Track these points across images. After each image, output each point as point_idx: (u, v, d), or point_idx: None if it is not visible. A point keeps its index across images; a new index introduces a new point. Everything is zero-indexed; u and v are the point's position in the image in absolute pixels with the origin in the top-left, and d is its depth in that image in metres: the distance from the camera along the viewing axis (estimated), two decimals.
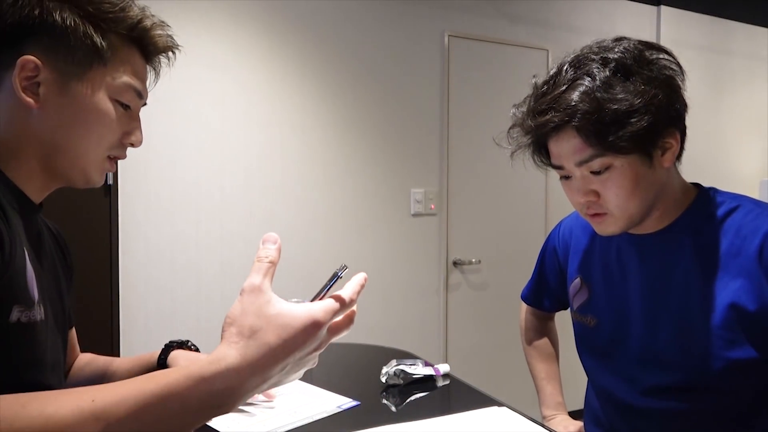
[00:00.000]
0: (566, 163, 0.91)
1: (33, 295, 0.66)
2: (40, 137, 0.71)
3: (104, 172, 0.78)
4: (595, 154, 0.87)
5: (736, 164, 3.78)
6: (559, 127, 0.88)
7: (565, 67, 0.90)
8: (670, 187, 0.95)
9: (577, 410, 1.28)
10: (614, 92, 0.85)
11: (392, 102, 2.75)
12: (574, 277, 1.15)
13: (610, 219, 0.93)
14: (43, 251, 0.79)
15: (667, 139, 0.90)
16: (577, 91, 0.86)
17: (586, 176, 0.91)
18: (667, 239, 0.97)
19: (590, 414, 1.16)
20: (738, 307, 0.88)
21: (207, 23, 2.35)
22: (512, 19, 3.04)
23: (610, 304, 1.06)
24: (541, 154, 0.99)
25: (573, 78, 0.88)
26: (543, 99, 0.90)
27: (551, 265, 1.26)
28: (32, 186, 0.74)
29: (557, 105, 0.87)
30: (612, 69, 0.87)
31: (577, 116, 0.85)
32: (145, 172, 2.26)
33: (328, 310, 0.54)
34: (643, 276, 1.00)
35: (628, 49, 0.89)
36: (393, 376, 1.21)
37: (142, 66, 0.78)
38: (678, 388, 0.95)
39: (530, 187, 3.12)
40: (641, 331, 1.00)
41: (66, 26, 0.68)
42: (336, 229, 2.64)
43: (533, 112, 0.91)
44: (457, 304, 2.94)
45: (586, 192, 0.92)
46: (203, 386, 0.50)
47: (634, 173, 0.88)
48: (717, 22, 3.68)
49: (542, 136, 0.93)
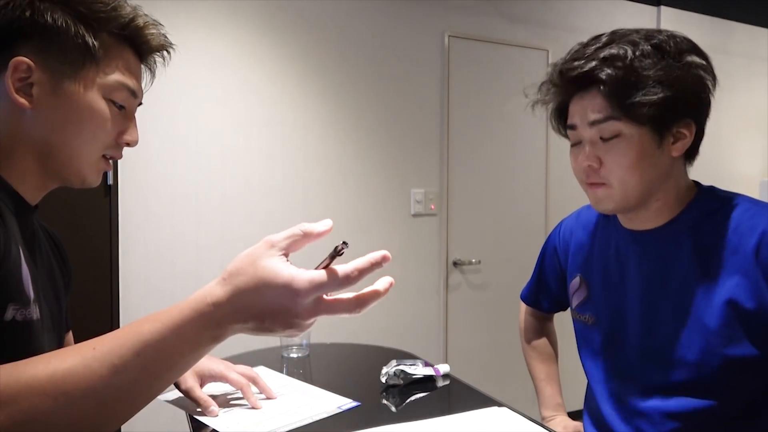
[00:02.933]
0: (580, 121, 0.94)
1: (29, 293, 0.66)
2: (34, 138, 0.71)
3: (100, 172, 0.78)
4: (610, 115, 0.90)
5: (736, 164, 3.78)
6: (585, 77, 0.91)
7: (605, 35, 0.94)
8: (673, 182, 0.96)
9: (577, 410, 1.28)
10: (646, 62, 0.88)
11: (392, 102, 2.75)
12: (574, 275, 1.15)
13: (607, 191, 0.94)
14: (39, 253, 0.79)
15: (682, 129, 0.92)
16: (613, 50, 0.90)
17: (594, 142, 0.93)
18: (666, 236, 0.98)
19: (590, 414, 1.16)
20: (736, 305, 0.89)
21: (207, 23, 2.35)
22: (512, 19, 3.04)
23: (609, 301, 1.06)
24: (560, 120, 1.02)
25: (611, 40, 0.92)
26: (579, 51, 0.94)
27: (551, 265, 1.26)
28: (28, 187, 0.74)
29: (591, 56, 0.91)
30: (653, 44, 0.90)
31: (606, 70, 0.88)
32: (145, 172, 2.25)
33: (313, 280, 0.53)
34: (642, 274, 1.01)
35: (674, 37, 0.92)
36: (393, 377, 1.21)
37: (136, 65, 0.78)
38: (676, 387, 0.95)
39: (530, 188, 3.12)
40: (639, 329, 1.00)
41: (57, 27, 0.68)
42: (336, 229, 2.62)
43: (565, 60, 0.95)
44: (457, 305, 2.94)
45: (590, 157, 0.94)
46: (197, 319, 0.53)
47: (641, 147, 0.90)
48: (717, 22, 3.68)
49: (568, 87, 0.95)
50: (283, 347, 1.44)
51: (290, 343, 1.43)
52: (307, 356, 1.42)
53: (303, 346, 1.43)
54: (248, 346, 1.58)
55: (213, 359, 1.07)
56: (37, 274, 0.73)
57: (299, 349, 1.43)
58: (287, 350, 1.43)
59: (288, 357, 1.41)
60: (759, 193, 3.80)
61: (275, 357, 1.41)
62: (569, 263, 1.18)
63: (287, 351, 1.43)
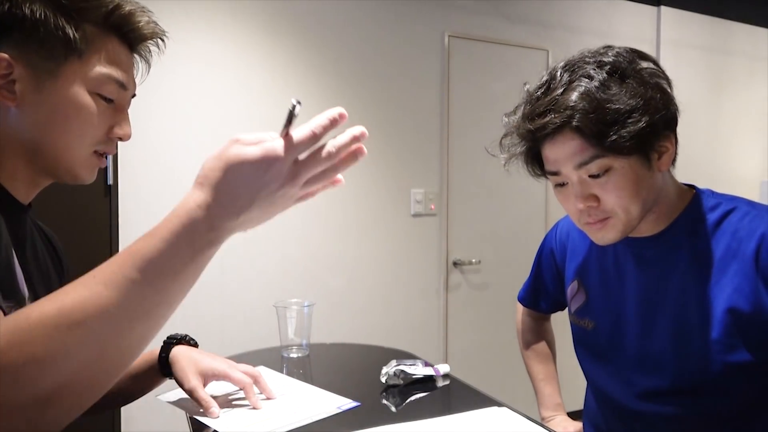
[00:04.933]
0: (563, 167, 0.90)
1: (23, 291, 0.65)
2: (21, 136, 0.69)
3: (93, 168, 0.76)
4: (595, 155, 0.86)
5: (736, 164, 3.78)
6: (559, 129, 0.86)
7: (559, 71, 0.90)
8: (665, 191, 0.95)
9: (577, 410, 1.28)
10: (612, 92, 0.84)
11: (392, 102, 2.75)
12: (571, 280, 1.15)
13: (611, 223, 0.91)
14: (34, 252, 0.78)
15: (663, 143, 0.89)
16: (575, 92, 0.85)
17: (584, 181, 0.89)
18: (663, 243, 0.97)
19: (588, 415, 1.16)
20: (735, 311, 0.88)
21: (207, 23, 2.35)
22: (512, 19, 3.04)
23: (607, 307, 1.06)
24: (534, 164, 0.98)
25: (569, 80, 0.87)
26: (540, 102, 0.89)
27: (548, 266, 1.26)
28: (18, 185, 0.72)
29: (556, 106, 0.86)
30: (608, 71, 0.87)
31: (577, 116, 0.84)
32: (145, 172, 2.26)
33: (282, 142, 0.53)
34: (640, 279, 1.00)
35: (621, 53, 0.89)
36: (393, 377, 1.21)
37: (124, 55, 0.75)
38: (674, 392, 0.95)
39: (530, 188, 3.12)
40: (637, 335, 1.00)
41: (36, 19, 0.66)
42: (336, 229, 2.64)
43: (530, 116, 0.90)
44: (457, 305, 2.94)
45: (585, 197, 0.90)
46: (189, 224, 0.53)
47: (635, 175, 0.88)
48: (717, 22, 3.68)
49: (539, 140, 0.91)
50: (283, 347, 1.44)
51: (290, 343, 1.43)
52: (307, 356, 1.42)
53: (303, 346, 1.43)
54: (248, 346, 1.58)
55: (216, 358, 1.07)
56: (31, 274, 0.72)
57: (299, 349, 1.43)
58: (287, 350, 1.43)
59: (288, 357, 1.41)
60: (759, 194, 3.80)
61: (275, 357, 1.41)
62: (566, 267, 1.17)
63: (287, 351, 1.43)
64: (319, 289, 2.55)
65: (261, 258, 2.46)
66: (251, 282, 2.45)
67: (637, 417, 1.00)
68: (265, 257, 2.48)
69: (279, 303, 1.45)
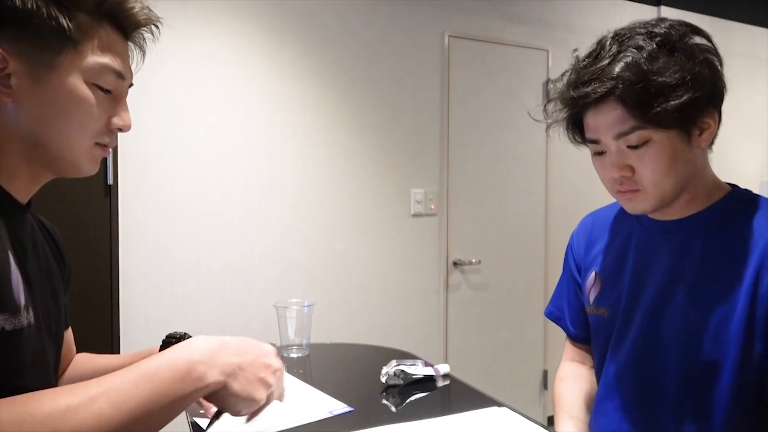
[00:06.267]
0: (603, 135, 0.91)
1: (19, 300, 0.64)
2: (20, 132, 0.68)
3: (96, 160, 0.74)
4: (636, 126, 0.87)
5: (736, 164, 3.78)
6: (602, 98, 0.87)
7: (608, 42, 0.91)
8: (701, 173, 0.95)
9: None
10: (659, 64, 0.86)
11: (392, 102, 2.75)
12: (590, 271, 1.13)
13: (642, 196, 0.92)
14: (35, 251, 0.76)
15: (706, 119, 0.90)
16: (622, 62, 0.87)
17: (622, 150, 0.90)
18: (687, 228, 0.97)
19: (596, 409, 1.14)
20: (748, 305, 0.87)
21: (207, 23, 2.35)
22: (512, 19, 3.04)
23: (622, 294, 1.05)
24: (576, 131, 0.99)
25: (618, 51, 0.89)
26: (586, 71, 0.90)
27: (569, 272, 1.21)
28: (18, 184, 0.71)
29: (601, 76, 0.87)
30: (658, 42, 0.88)
31: (621, 86, 0.85)
32: (145, 172, 2.25)
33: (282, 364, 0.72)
34: (663, 262, 0.99)
35: (674, 26, 0.90)
36: (393, 377, 1.21)
37: (120, 44, 0.73)
38: (680, 381, 0.94)
39: (530, 188, 3.12)
40: (645, 321, 0.99)
41: (28, 10, 0.64)
42: (336, 229, 2.64)
43: (575, 84, 0.91)
44: (457, 305, 2.94)
45: (621, 167, 0.91)
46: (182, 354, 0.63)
47: (672, 149, 0.88)
48: (717, 22, 3.68)
49: (582, 107, 0.92)
50: (283, 347, 1.44)
51: (290, 343, 1.43)
52: (307, 356, 1.42)
53: (303, 346, 1.43)
54: None
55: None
56: (31, 276, 0.71)
57: (299, 349, 1.43)
58: (287, 350, 1.43)
59: (288, 357, 1.41)
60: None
61: None
62: (585, 259, 1.15)
63: (287, 351, 1.43)
64: (319, 289, 2.55)
65: (261, 258, 2.46)
66: (251, 282, 2.45)
67: (643, 408, 0.99)
68: (265, 257, 2.48)
69: (279, 303, 1.45)
